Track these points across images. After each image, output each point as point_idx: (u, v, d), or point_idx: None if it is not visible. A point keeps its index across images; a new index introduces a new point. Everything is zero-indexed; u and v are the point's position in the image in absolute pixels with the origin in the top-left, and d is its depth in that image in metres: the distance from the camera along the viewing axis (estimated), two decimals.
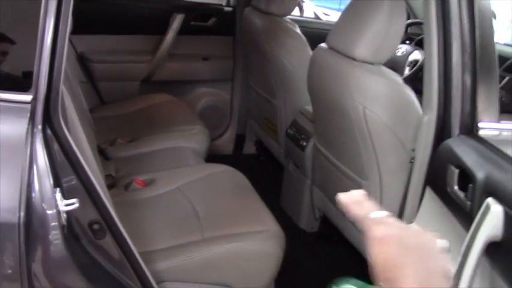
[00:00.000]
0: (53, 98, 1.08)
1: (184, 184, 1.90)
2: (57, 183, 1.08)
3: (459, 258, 1.01)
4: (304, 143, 2.25)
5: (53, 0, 1.04)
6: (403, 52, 2.77)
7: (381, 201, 1.70)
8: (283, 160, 2.57)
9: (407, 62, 2.70)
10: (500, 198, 0.99)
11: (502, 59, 2.60)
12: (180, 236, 1.61)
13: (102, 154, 2.17)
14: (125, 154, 2.19)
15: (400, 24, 1.63)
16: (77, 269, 1.16)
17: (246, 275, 1.62)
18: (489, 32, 1.38)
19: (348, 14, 1.75)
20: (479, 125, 1.32)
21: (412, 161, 1.53)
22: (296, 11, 3.44)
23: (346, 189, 1.89)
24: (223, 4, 2.91)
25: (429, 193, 1.33)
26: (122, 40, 2.77)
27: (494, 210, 0.97)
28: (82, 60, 2.70)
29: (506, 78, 2.55)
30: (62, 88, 1.09)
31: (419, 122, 1.47)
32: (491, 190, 1.03)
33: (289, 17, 2.62)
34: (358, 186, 1.80)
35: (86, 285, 1.20)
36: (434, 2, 1.33)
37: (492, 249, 1.00)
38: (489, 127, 1.32)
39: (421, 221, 1.37)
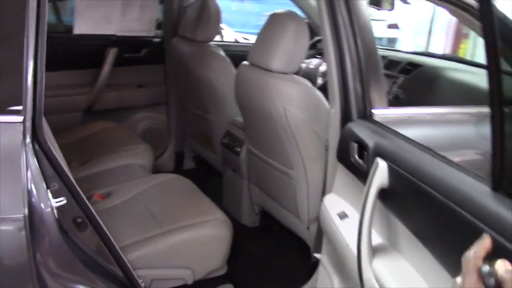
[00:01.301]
0: (38, 121, 1.36)
1: (139, 193, 2.18)
2: (47, 186, 1.36)
3: (361, 205, 1.37)
4: (239, 149, 2.59)
5: (32, 40, 1.34)
6: (315, 65, 3.20)
7: (307, 184, 2.07)
8: (221, 168, 2.89)
9: (319, 73, 3.13)
10: (384, 157, 1.37)
11: (395, 63, 3.10)
12: (142, 233, 1.89)
13: None
14: (80, 175, 2.42)
15: (304, 40, 2.02)
16: (74, 257, 1.43)
17: (203, 257, 1.94)
18: (372, 44, 1.78)
19: (262, 35, 2.13)
20: (373, 111, 1.72)
21: (327, 149, 1.91)
22: (217, 38, 3.83)
23: (278, 181, 2.27)
24: (153, 36, 3.22)
25: (340, 167, 1.70)
26: (62, 75, 3.00)
27: (381, 165, 1.34)
28: None
29: (401, 79, 3.03)
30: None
31: (328, 115, 1.85)
32: (379, 152, 1.41)
33: (212, 42, 2.97)
34: (287, 176, 2.16)
35: (83, 270, 1.47)
36: (328, 27, 1.71)
37: (383, 195, 1.37)
38: (380, 113, 1.73)
39: (337, 189, 1.74)
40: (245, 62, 2.23)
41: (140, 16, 3.11)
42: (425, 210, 1.20)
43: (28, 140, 1.33)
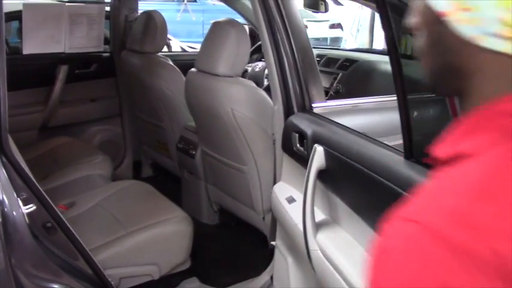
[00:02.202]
0: (3, 135, 1.48)
1: (102, 200, 2.30)
2: (17, 195, 1.48)
3: (303, 186, 1.55)
4: (193, 152, 2.73)
5: None
6: (260, 68, 3.39)
7: (259, 176, 2.24)
8: (178, 172, 3.03)
9: (265, 75, 3.31)
10: (321, 142, 1.55)
11: (334, 60, 3.32)
12: (107, 236, 2.01)
13: None
14: (42, 189, 2.51)
15: (245, 44, 2.20)
16: (48, 258, 1.54)
17: (167, 253, 2.07)
18: (306, 43, 1.98)
19: (206, 43, 2.29)
20: (313, 105, 1.91)
21: (274, 142, 2.08)
22: (165, 48, 3.97)
23: (232, 177, 2.42)
24: (102, 51, 3.32)
25: (286, 157, 1.88)
26: (14, 95, 3.06)
27: (318, 149, 1.52)
28: None
29: (340, 74, 3.25)
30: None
31: (272, 112, 2.03)
32: (316, 139, 1.59)
33: (160, 53, 3.11)
34: (240, 172, 2.32)
35: (57, 270, 1.58)
36: (265, 31, 1.89)
37: (322, 176, 1.55)
38: (319, 105, 1.92)
39: (285, 177, 1.92)
40: (193, 69, 2.38)
41: (88, 33, 3.21)
42: (355, 183, 1.38)
43: None
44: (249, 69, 3.45)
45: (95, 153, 2.90)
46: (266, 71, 3.29)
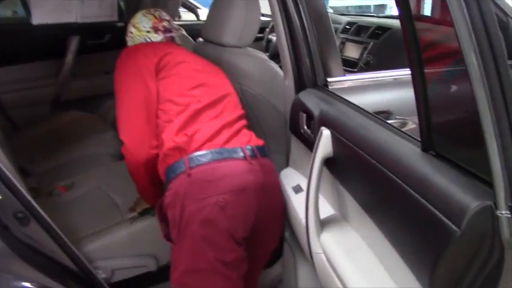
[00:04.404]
0: None
1: (103, 182, 2.13)
2: None
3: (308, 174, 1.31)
4: None
5: None
6: None
7: (271, 158, 2.00)
8: None
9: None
10: (328, 125, 1.30)
11: (365, 28, 3.01)
12: (102, 222, 1.85)
13: (24, 171, 2.34)
14: (45, 168, 2.37)
15: (255, 11, 1.94)
16: (16, 256, 1.38)
17: (166, 243, 1.88)
18: (322, 10, 1.72)
19: (213, 10, 2.04)
20: (329, 80, 1.65)
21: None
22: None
23: None
24: (115, 20, 3.13)
25: (294, 139, 1.64)
26: (25, 68, 2.93)
27: (325, 133, 1.28)
28: None
29: (371, 44, 2.95)
30: None
31: (283, 88, 1.78)
32: (323, 121, 1.35)
33: (177, 22, 2.89)
34: None
35: (31, 269, 1.42)
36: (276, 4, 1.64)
37: (330, 163, 1.31)
38: (335, 80, 1.66)
39: (293, 163, 1.69)
40: (200, 39, 2.15)
41: (101, 1, 3.02)
42: (362, 176, 1.14)
43: None
44: (274, 39, 3.19)
45: (107, 129, 2.73)
46: None
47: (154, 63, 1.66)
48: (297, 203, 1.50)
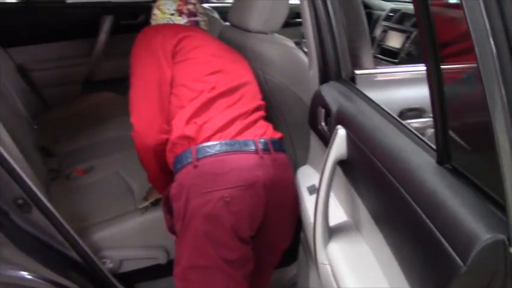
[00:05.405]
0: None
1: (122, 167, 2.08)
2: None
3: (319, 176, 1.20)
4: None
5: None
6: None
7: (294, 153, 1.89)
8: None
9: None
10: (344, 124, 1.18)
11: (409, 16, 2.83)
12: (114, 210, 1.79)
13: (47, 152, 2.32)
14: (67, 149, 2.35)
15: None
16: (9, 242, 1.33)
17: None
18: (356, 3, 1.58)
19: None
20: (356, 72, 1.52)
21: None
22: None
23: None
24: (150, 0, 3.06)
25: (312, 135, 1.53)
26: (58, 47, 2.92)
27: (340, 133, 1.15)
28: (22, 71, 2.84)
29: (414, 33, 2.77)
30: None
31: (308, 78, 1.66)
32: (340, 119, 1.22)
33: (206, 5, 2.80)
34: None
35: (26, 258, 1.38)
36: None
37: (345, 166, 1.19)
38: (363, 73, 1.52)
39: (311, 160, 1.57)
40: (226, 23, 2.05)
41: None
42: (372, 183, 1.02)
43: None
44: None
45: None
46: None
47: (172, 46, 1.58)
48: (309, 204, 1.39)
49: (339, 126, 1.18)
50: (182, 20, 1.78)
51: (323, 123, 1.36)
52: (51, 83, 2.93)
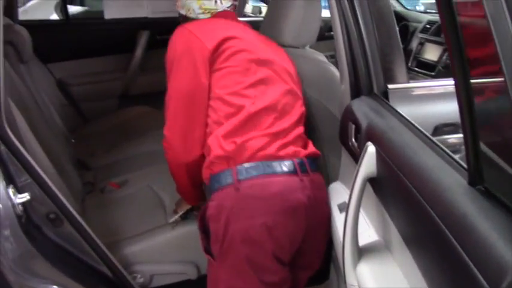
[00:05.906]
0: None
1: (155, 181, 2.09)
2: (10, 181, 1.28)
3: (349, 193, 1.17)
4: None
5: None
6: None
7: (327, 169, 1.85)
8: None
9: None
10: (374, 140, 1.15)
11: None
12: (145, 224, 1.80)
13: (84, 165, 2.37)
14: (103, 163, 2.39)
15: (315, 11, 1.80)
16: (41, 256, 1.35)
17: None
18: (386, 8, 1.55)
19: (271, 8, 1.93)
20: (389, 86, 1.48)
21: None
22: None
23: None
24: None
25: (344, 151, 1.49)
26: (95, 62, 2.99)
27: (370, 151, 1.12)
28: (61, 85, 2.91)
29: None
30: (6, 104, 1.29)
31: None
32: (370, 135, 1.19)
33: (245, 18, 2.81)
34: None
35: (57, 271, 1.40)
36: (335, 5, 1.48)
37: (376, 184, 1.16)
38: (396, 87, 1.49)
39: (342, 177, 1.54)
40: None
41: None
42: (402, 203, 0.98)
43: None
44: None
45: None
46: None
47: (210, 51, 1.42)
48: (339, 222, 1.36)
49: (369, 143, 1.15)
50: (228, 3, 1.66)
51: (353, 139, 1.33)
52: (89, 97, 3.00)
